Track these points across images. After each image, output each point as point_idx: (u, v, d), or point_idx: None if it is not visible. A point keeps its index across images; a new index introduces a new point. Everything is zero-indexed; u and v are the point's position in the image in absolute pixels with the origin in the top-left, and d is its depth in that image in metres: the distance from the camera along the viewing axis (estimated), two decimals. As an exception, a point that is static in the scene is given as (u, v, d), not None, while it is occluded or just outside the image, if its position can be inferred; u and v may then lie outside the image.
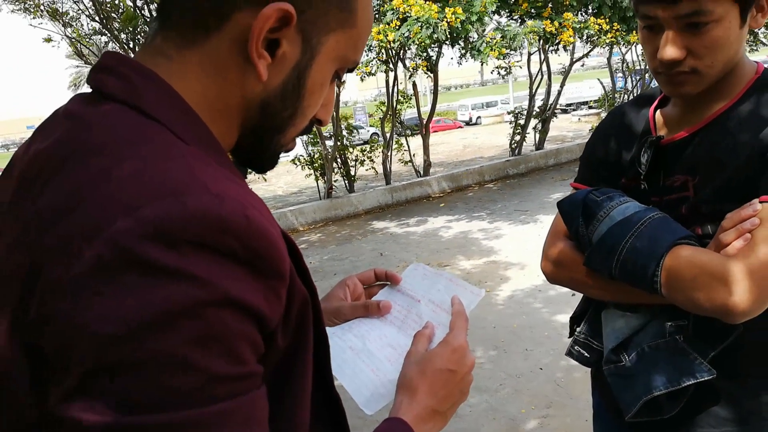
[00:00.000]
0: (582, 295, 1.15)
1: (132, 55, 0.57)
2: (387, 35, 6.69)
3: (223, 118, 0.55)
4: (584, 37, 8.59)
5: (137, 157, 0.46)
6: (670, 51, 0.90)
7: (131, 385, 0.41)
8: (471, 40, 7.10)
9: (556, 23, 7.54)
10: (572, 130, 15.31)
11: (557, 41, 7.83)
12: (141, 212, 0.42)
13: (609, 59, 12.09)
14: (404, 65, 8.17)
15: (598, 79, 13.78)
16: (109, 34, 7.33)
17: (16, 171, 0.54)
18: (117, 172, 0.45)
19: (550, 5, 7.74)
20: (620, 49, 10.01)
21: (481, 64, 7.92)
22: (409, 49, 7.17)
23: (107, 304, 0.41)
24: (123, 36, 7.27)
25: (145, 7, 7.14)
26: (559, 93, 10.46)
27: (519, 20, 7.67)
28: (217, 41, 0.53)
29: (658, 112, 1.08)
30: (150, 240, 0.41)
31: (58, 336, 0.42)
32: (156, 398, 0.41)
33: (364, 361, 0.75)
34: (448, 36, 6.64)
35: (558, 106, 11.35)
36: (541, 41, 7.98)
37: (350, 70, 0.62)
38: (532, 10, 7.61)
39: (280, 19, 0.51)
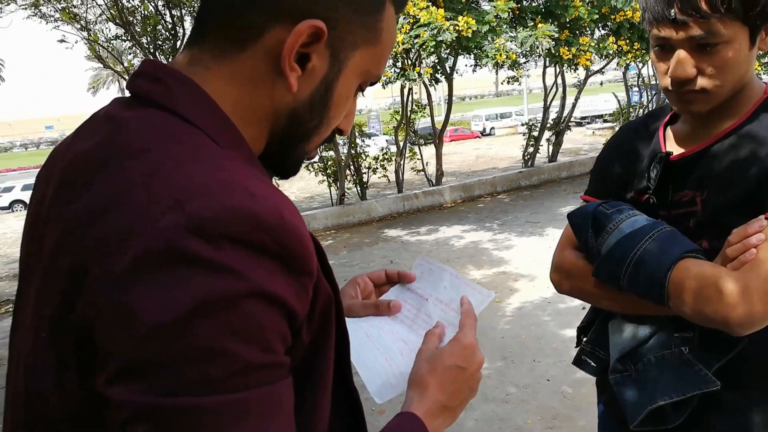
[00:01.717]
0: (590, 306, 1.17)
1: (159, 59, 0.61)
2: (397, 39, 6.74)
3: (253, 125, 0.59)
4: (602, 56, 8.57)
5: (178, 158, 0.50)
6: (680, 70, 0.93)
7: (173, 370, 0.43)
8: (483, 49, 7.11)
9: (573, 49, 7.52)
10: (586, 143, 15.27)
11: (575, 63, 7.82)
12: (185, 209, 0.45)
13: (624, 74, 12.08)
14: (419, 73, 8.22)
15: (613, 93, 13.75)
16: (130, 38, 7.44)
17: (57, 170, 0.58)
18: (161, 172, 0.48)
19: (567, 28, 7.72)
20: (636, 64, 9.99)
21: (496, 72, 7.94)
22: (419, 54, 7.20)
23: (154, 294, 0.44)
24: (144, 40, 7.38)
25: (166, 12, 7.27)
26: (574, 106, 10.46)
27: (533, 28, 7.67)
28: (251, 53, 0.56)
29: (668, 128, 1.10)
30: (193, 235, 0.44)
31: (107, 324, 0.45)
32: (194, 382, 0.44)
33: (378, 349, 0.77)
34: (455, 41, 6.64)
35: (572, 119, 11.35)
36: (556, 62, 7.95)
37: (372, 84, 0.65)
38: (547, 30, 7.61)
39: (312, 35, 0.55)
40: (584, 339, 1.18)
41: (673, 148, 1.06)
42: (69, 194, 0.53)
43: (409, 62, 7.53)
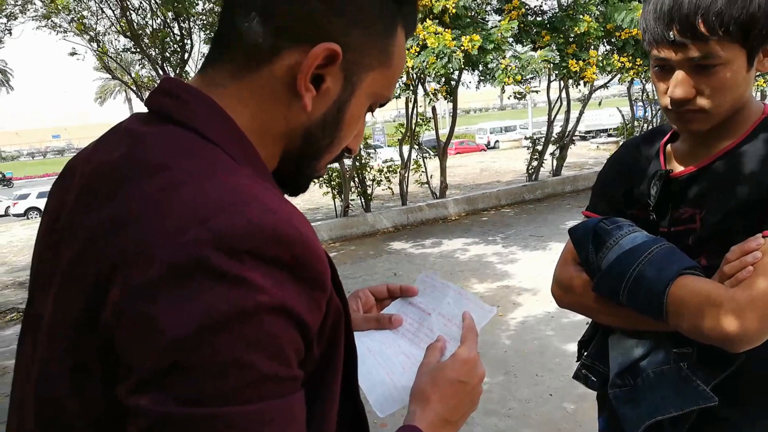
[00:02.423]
0: (591, 320, 1.19)
1: (167, 71, 0.63)
2: (407, 61, 6.79)
3: (268, 143, 0.61)
4: (606, 73, 8.62)
5: (199, 174, 0.51)
6: (680, 90, 0.95)
7: (193, 381, 0.45)
8: (489, 66, 7.16)
9: (581, 62, 7.56)
10: (591, 157, 15.29)
11: (581, 77, 7.86)
12: (209, 224, 0.47)
13: (629, 89, 12.11)
14: (424, 89, 8.27)
15: (618, 108, 13.79)
16: (139, 51, 7.53)
17: (77, 181, 0.60)
18: (183, 187, 0.50)
19: (574, 43, 7.78)
20: (641, 79, 10.03)
21: (502, 90, 7.99)
22: (429, 75, 7.25)
23: (177, 306, 0.45)
24: (152, 52, 7.46)
25: (175, 25, 7.35)
26: (578, 120, 10.48)
27: (538, 49, 7.72)
28: (268, 73, 0.58)
29: (668, 146, 1.12)
30: (217, 249, 0.46)
31: (130, 334, 0.46)
32: (214, 393, 0.45)
33: (380, 363, 0.78)
34: (462, 65, 6.69)
35: (577, 133, 11.36)
36: (563, 76, 8.00)
37: (381, 105, 0.67)
38: (553, 45, 7.64)
39: (327, 57, 0.57)
40: (585, 353, 1.19)
41: (673, 166, 1.08)
42: (90, 205, 0.55)
43: (415, 79, 7.58)
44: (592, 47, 8.07)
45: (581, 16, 7.71)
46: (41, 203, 18.13)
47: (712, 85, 0.94)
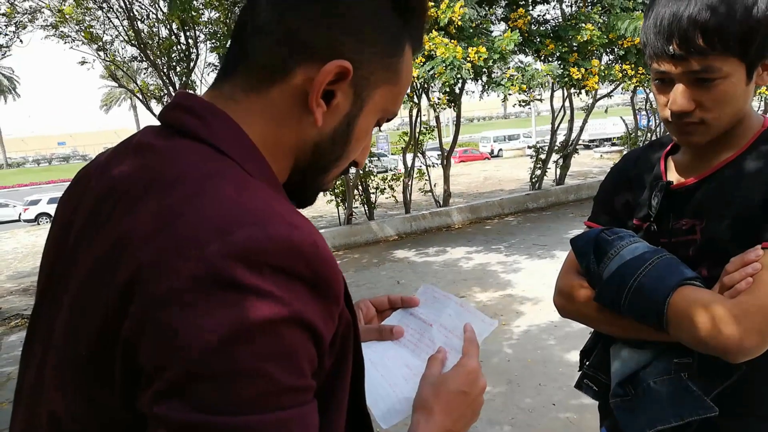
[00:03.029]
0: (593, 330, 1.20)
1: (173, 79, 0.64)
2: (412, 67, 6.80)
3: (279, 157, 0.62)
4: (607, 82, 8.65)
5: (217, 188, 0.52)
6: (680, 103, 0.97)
7: (214, 390, 0.46)
8: (493, 76, 7.21)
9: (582, 70, 7.59)
10: (594, 166, 15.30)
11: (582, 86, 7.90)
12: (231, 237, 0.48)
13: (632, 98, 12.14)
14: (428, 98, 8.31)
15: (621, 117, 13.80)
16: (146, 60, 7.60)
17: (93, 191, 0.60)
18: (202, 200, 0.51)
19: (576, 51, 7.81)
20: (644, 88, 10.06)
21: (504, 99, 8.02)
22: (436, 84, 7.29)
23: (199, 317, 0.46)
24: (159, 62, 7.52)
25: (182, 34, 7.42)
26: (581, 129, 10.50)
27: (542, 60, 7.76)
28: (280, 89, 0.60)
29: (669, 158, 1.13)
30: (239, 262, 0.47)
31: (154, 344, 0.47)
32: (233, 402, 0.46)
33: (382, 375, 0.78)
34: (472, 75, 6.74)
35: (581, 142, 11.38)
36: (565, 85, 8.03)
37: (389, 120, 0.69)
38: (557, 53, 7.67)
39: (338, 74, 0.59)
40: (587, 363, 1.20)
41: (674, 178, 1.09)
42: (109, 216, 0.55)
43: (419, 89, 7.61)
44: (595, 56, 8.10)
45: (583, 25, 7.74)
46: (52, 209, 18.20)
47: (712, 98, 0.95)
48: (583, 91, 8.14)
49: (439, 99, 7.74)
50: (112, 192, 0.57)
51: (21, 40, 7.05)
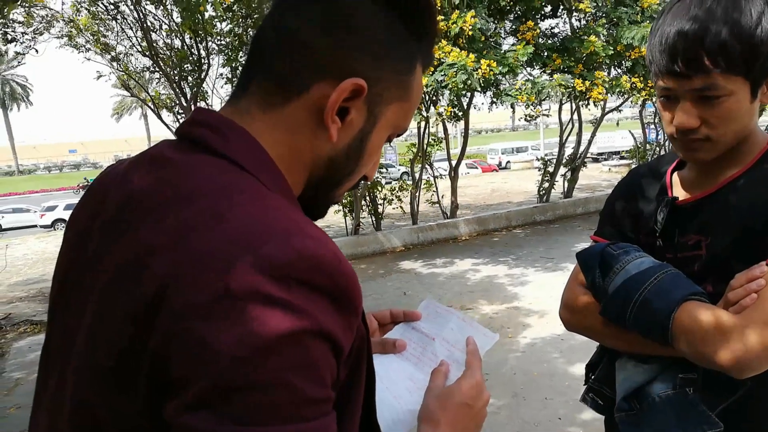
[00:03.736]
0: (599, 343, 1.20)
1: (184, 89, 0.65)
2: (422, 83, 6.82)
3: (294, 172, 0.64)
4: (615, 94, 8.65)
5: (241, 202, 0.54)
6: (684, 120, 0.98)
7: (243, 401, 0.47)
8: (501, 87, 7.23)
9: (587, 82, 7.61)
10: (603, 179, 15.26)
11: (587, 97, 7.90)
12: (259, 252, 0.49)
13: (641, 112, 12.13)
14: (436, 109, 8.34)
15: (630, 131, 13.78)
16: (159, 71, 7.69)
17: (112, 201, 0.61)
18: (228, 214, 0.52)
19: (582, 63, 7.83)
20: (653, 102, 10.05)
21: (513, 111, 8.05)
22: (442, 95, 7.32)
23: (232, 328, 0.47)
24: (171, 72, 7.61)
25: (194, 46, 7.51)
26: (590, 143, 10.50)
27: (550, 73, 7.77)
28: (296, 105, 0.61)
29: (675, 174, 1.14)
30: (267, 276, 0.48)
31: (183, 355, 0.48)
32: (261, 413, 0.47)
33: (387, 387, 0.79)
34: (481, 85, 6.77)
35: (589, 155, 11.36)
36: (570, 96, 8.04)
37: (399, 135, 0.71)
38: (564, 67, 7.69)
39: (353, 92, 0.60)
40: (592, 376, 1.20)
41: (680, 194, 1.10)
42: (135, 229, 0.56)
43: (427, 100, 7.64)
44: (602, 68, 8.10)
45: (587, 38, 7.77)
46: (68, 215, 18.31)
47: (716, 115, 0.96)
48: (590, 102, 8.14)
49: (444, 110, 7.76)
50: (131, 202, 0.59)
51: (36, 50, 7.15)
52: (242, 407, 0.47)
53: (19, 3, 6.02)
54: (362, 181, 0.73)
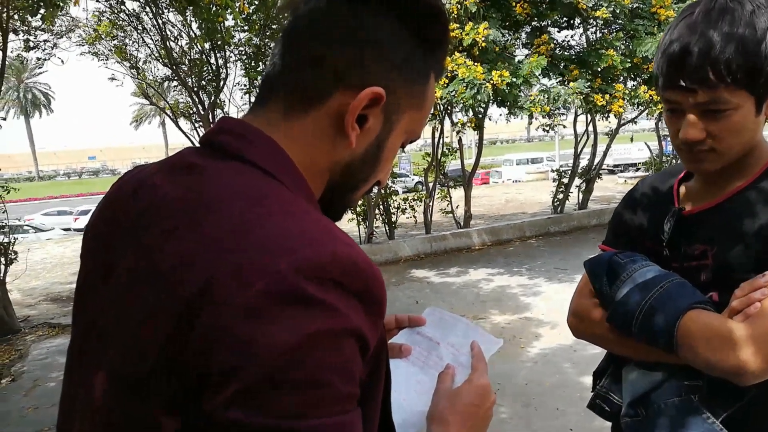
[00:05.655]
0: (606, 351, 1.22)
1: (203, 98, 0.68)
2: (435, 92, 6.87)
3: (314, 177, 0.66)
4: (635, 105, 8.60)
5: (276, 207, 0.57)
6: (690, 132, 1.00)
7: (284, 395, 0.50)
8: (518, 101, 7.24)
9: (607, 96, 7.58)
10: (618, 191, 15.15)
11: (608, 110, 7.87)
12: (298, 255, 0.52)
13: (657, 124, 12.05)
14: (451, 120, 8.37)
15: (645, 143, 13.69)
16: (177, 79, 7.81)
17: (137, 208, 0.62)
18: (266, 218, 0.55)
19: (599, 76, 7.81)
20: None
21: (529, 122, 8.05)
22: (456, 106, 7.35)
23: (274, 328, 0.50)
24: (190, 81, 7.73)
25: (212, 54, 7.63)
26: (605, 154, 10.45)
27: (566, 83, 7.77)
28: (317, 114, 0.64)
29: (682, 185, 1.17)
30: (307, 278, 0.51)
31: (228, 352, 0.49)
32: (299, 408, 0.50)
33: (396, 389, 0.81)
34: (492, 98, 6.79)
35: (605, 167, 11.32)
36: (591, 110, 8.00)
37: (412, 141, 0.74)
38: (581, 79, 7.68)
39: (372, 100, 0.63)
40: (599, 383, 1.22)
41: (687, 204, 1.12)
42: (172, 233, 0.57)
43: (442, 111, 7.67)
44: (620, 80, 8.08)
45: (605, 51, 7.75)
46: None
47: (722, 128, 0.98)
48: (609, 113, 8.10)
49: (457, 120, 7.80)
50: (160, 208, 0.60)
51: (62, 60, 7.30)
52: (286, 401, 0.50)
53: (59, 9, 6.12)
54: (376, 187, 0.76)
